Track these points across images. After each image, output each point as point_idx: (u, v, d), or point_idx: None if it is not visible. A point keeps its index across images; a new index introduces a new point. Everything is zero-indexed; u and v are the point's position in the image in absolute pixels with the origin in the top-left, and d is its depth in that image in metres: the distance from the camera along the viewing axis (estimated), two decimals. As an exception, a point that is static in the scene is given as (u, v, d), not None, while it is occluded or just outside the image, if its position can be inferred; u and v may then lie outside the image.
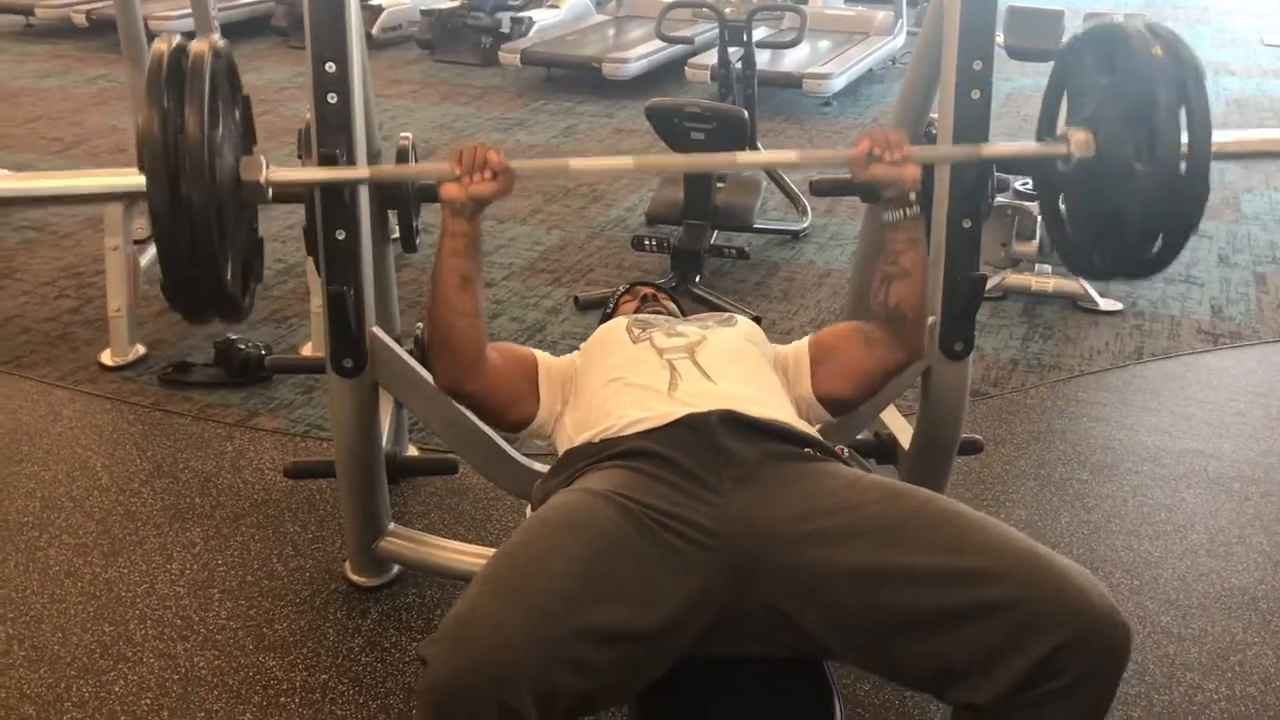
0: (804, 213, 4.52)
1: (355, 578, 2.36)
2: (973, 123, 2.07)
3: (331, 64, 1.96)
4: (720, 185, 4.07)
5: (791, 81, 6.25)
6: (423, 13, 7.79)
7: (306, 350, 3.33)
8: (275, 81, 6.89)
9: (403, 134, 2.46)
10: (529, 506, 1.75)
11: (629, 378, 1.81)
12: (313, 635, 2.21)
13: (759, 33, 6.33)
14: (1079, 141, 1.80)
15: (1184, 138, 1.65)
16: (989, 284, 3.84)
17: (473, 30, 7.45)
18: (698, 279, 3.88)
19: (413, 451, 2.79)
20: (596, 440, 1.71)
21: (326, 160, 1.95)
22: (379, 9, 7.94)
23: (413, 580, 2.37)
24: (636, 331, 1.93)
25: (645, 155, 2.25)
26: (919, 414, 2.32)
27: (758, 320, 3.59)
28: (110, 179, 1.76)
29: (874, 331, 1.88)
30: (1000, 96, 6.65)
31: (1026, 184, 4.02)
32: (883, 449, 2.54)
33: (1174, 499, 2.71)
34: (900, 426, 2.53)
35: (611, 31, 7.50)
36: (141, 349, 3.34)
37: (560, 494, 1.56)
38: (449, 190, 1.76)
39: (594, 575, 1.39)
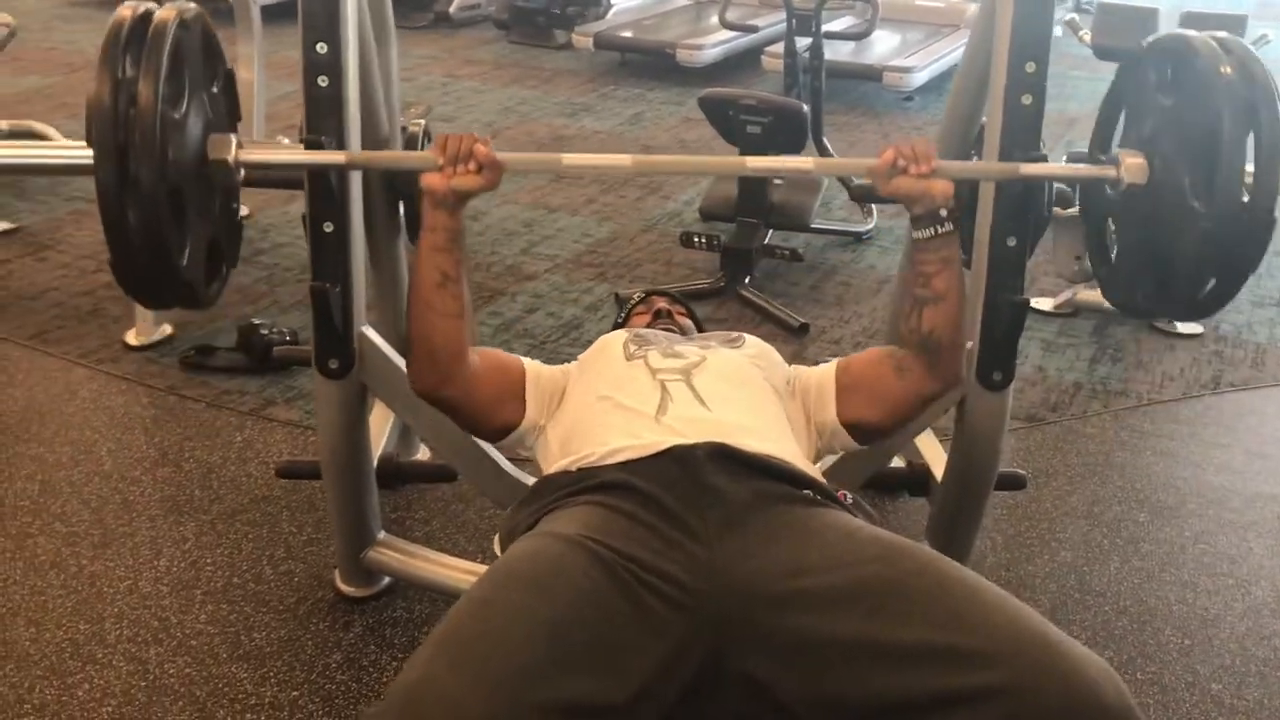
0: (869, 214, 4.31)
1: (343, 587, 2.24)
2: (1023, 131, 1.87)
3: (323, 45, 1.83)
4: (778, 182, 3.89)
5: (871, 74, 6.02)
6: (501, -8, 7.69)
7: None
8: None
9: (415, 119, 2.34)
10: (496, 537, 1.60)
11: (617, 397, 1.66)
12: (290, 647, 2.10)
13: (840, 22, 6.11)
14: (1131, 166, 1.61)
15: (1249, 167, 1.46)
16: (1060, 299, 3.61)
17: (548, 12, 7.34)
18: (747, 280, 3.70)
19: (424, 455, 2.66)
20: (574, 469, 1.56)
21: (312, 147, 1.82)
22: (457, -12, 7.86)
23: (402, 592, 2.25)
24: (632, 348, 1.78)
25: (645, 155, 2.09)
26: (952, 446, 2.12)
27: (805, 327, 3.43)
28: (57, 151, 1.67)
29: (906, 359, 1.71)
30: (1094, 97, 6.32)
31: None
32: (914, 480, 2.36)
33: (1239, 548, 2.47)
34: (935, 455, 2.34)
35: (691, 16, 7.32)
36: (169, 328, 3.27)
37: (529, 539, 1.41)
38: (430, 180, 1.64)
39: (560, 640, 1.23)
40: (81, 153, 1.57)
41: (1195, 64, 1.56)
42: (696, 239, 3.79)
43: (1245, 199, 1.49)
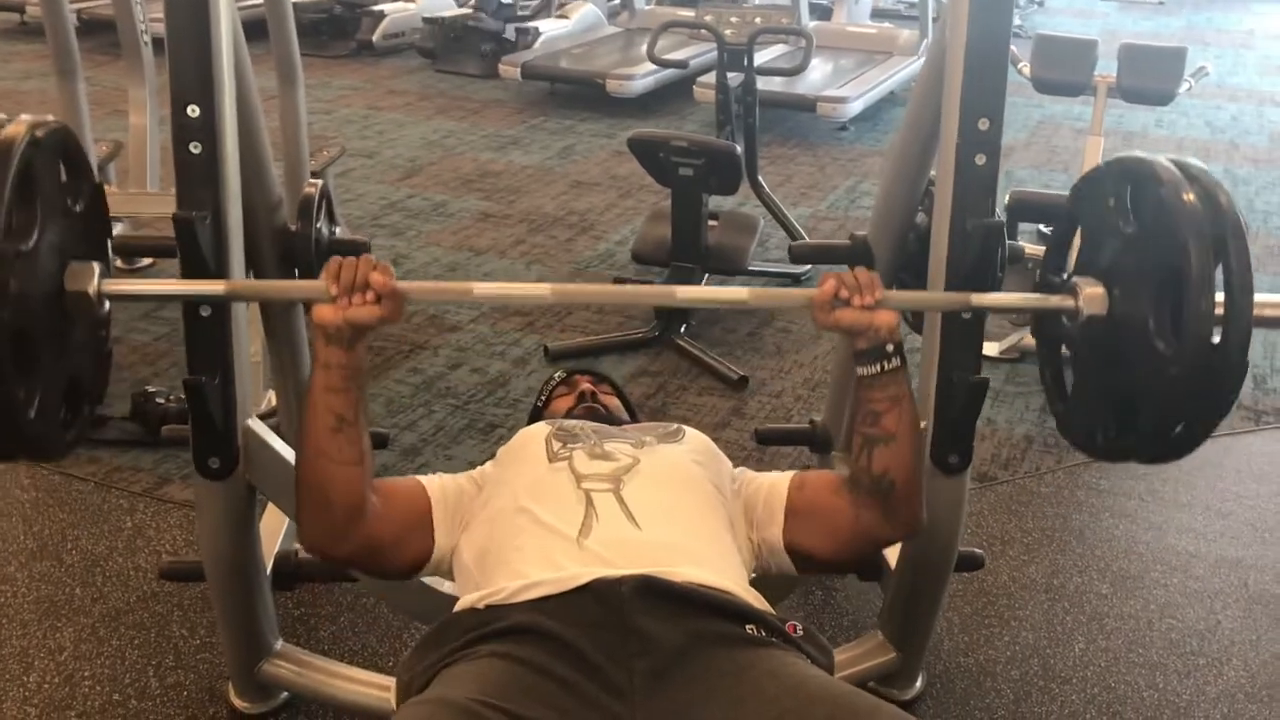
0: (807, 253, 4.14)
1: (237, 702, 2.00)
2: (976, 193, 1.71)
3: (194, 107, 1.62)
4: (713, 224, 3.72)
5: (805, 104, 5.89)
6: (425, 20, 7.47)
7: (237, 404, 2.98)
8: (266, 89, 6.57)
9: (311, 180, 2.12)
10: (393, 686, 1.39)
11: (537, 511, 1.46)
12: (174, 778, 1.87)
13: (770, 52, 5.99)
14: (1090, 296, 1.47)
15: (1220, 296, 1.32)
16: (1006, 343, 3.47)
17: (476, 38, 7.14)
18: (683, 329, 3.52)
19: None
20: (482, 606, 1.36)
21: (182, 225, 1.60)
22: (380, 15, 7.63)
23: (304, 707, 2.02)
24: (556, 446, 1.58)
25: (563, 284, 1.93)
26: (906, 532, 1.95)
27: (744, 380, 3.24)
28: None
29: (860, 499, 1.52)
30: (1030, 124, 6.27)
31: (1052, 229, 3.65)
32: (864, 567, 2.18)
33: (1208, 622, 2.32)
34: (888, 538, 2.17)
35: (620, 45, 7.15)
36: (57, 396, 3.00)
37: (414, 707, 1.20)
38: (321, 313, 1.44)
39: None
40: None
41: (1156, 191, 1.41)
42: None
43: (1215, 340, 1.34)
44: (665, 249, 3.64)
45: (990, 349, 3.47)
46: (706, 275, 3.67)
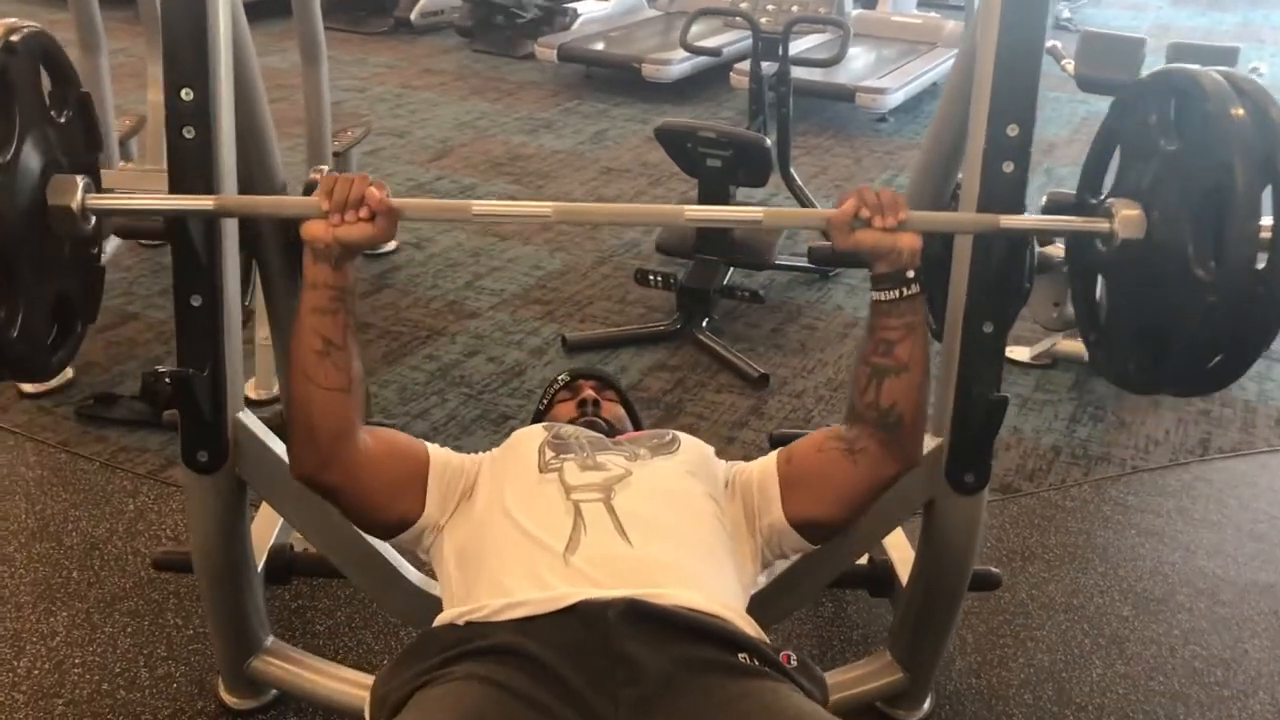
0: (837, 248, 4.05)
1: (226, 698, 1.96)
2: (1003, 202, 1.62)
3: (188, 90, 1.57)
4: (740, 216, 3.63)
5: (844, 94, 5.76)
6: (464, -1, 7.41)
7: (249, 389, 2.94)
8: (298, 65, 6.53)
9: (317, 167, 2.07)
10: (367, 701, 1.34)
11: (524, 521, 1.40)
12: (157, 774, 1.83)
13: (809, 40, 5.87)
14: (1126, 219, 1.40)
15: (1266, 220, 1.24)
16: (1037, 349, 3.38)
17: (511, 19, 7.07)
18: (705, 323, 3.45)
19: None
20: (461, 623, 1.30)
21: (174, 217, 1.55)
22: (419, -8, 7.57)
23: (294, 704, 1.97)
24: (548, 454, 1.52)
25: (565, 203, 1.86)
26: (919, 551, 1.88)
27: (765, 379, 3.17)
28: None
29: (860, 438, 1.48)
30: (1074, 121, 6.11)
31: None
32: (876, 580, 2.11)
33: (1234, 651, 2.23)
34: (902, 553, 2.09)
35: (659, 29, 7.05)
36: (70, 373, 2.97)
37: None
38: (312, 229, 1.41)
39: None
40: None
41: (1202, 105, 1.33)
42: (652, 277, 3.53)
43: (1260, 265, 1.27)
44: (690, 241, 3.55)
45: (1021, 354, 3.38)
46: (731, 270, 3.60)
